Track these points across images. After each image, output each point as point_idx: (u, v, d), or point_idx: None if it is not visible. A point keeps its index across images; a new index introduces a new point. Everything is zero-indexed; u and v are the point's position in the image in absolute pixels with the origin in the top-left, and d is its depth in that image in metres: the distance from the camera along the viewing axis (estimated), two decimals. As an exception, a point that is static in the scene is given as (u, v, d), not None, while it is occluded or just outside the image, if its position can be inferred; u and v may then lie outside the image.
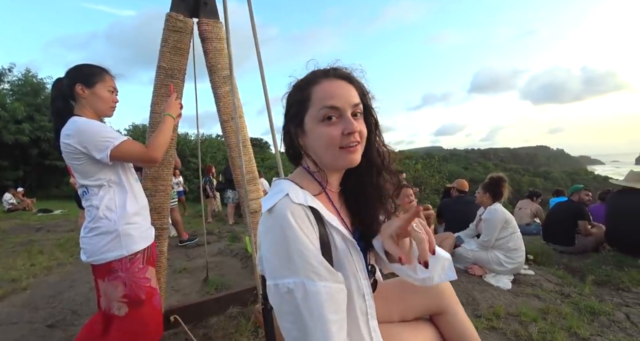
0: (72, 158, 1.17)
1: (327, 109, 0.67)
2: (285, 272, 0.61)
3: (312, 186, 0.73)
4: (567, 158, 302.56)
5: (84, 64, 1.28)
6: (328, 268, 0.63)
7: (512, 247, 2.64)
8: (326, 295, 0.60)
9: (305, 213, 0.65)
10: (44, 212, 8.14)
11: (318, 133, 0.69)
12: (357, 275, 0.71)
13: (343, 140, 0.67)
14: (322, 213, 0.68)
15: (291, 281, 0.60)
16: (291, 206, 0.64)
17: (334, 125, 0.67)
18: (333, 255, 0.69)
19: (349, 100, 0.68)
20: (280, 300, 0.62)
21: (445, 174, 10.69)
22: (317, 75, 0.72)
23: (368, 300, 0.73)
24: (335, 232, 0.70)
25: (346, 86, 0.70)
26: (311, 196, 0.70)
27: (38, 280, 2.92)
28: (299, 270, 0.60)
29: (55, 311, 2.22)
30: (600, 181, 51.42)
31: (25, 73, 15.20)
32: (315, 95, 0.69)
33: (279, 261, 0.62)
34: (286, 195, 0.66)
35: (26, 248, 4.11)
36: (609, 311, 2.05)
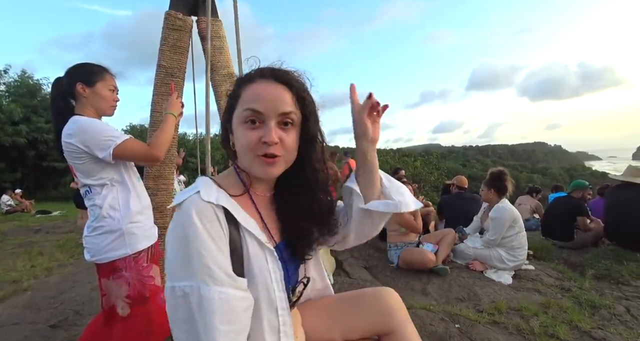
0: (74, 158, 1.16)
1: (250, 112, 0.63)
2: (183, 274, 0.57)
3: (235, 187, 0.69)
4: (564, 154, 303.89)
5: (84, 62, 1.27)
6: (228, 272, 0.58)
7: (517, 246, 2.64)
8: (220, 302, 0.55)
9: (215, 212, 0.60)
10: (42, 214, 8.11)
11: (239, 135, 0.65)
12: (269, 286, 0.65)
13: (260, 147, 0.63)
14: (234, 214, 0.63)
15: (187, 285, 0.56)
16: (199, 204, 0.59)
17: (255, 130, 0.63)
18: (245, 261, 0.63)
19: (276, 106, 0.63)
20: (175, 304, 0.57)
21: (444, 171, 10.73)
22: (255, 73, 0.67)
23: (282, 315, 0.66)
24: (250, 236, 0.65)
25: (279, 91, 0.64)
26: (227, 196, 0.65)
27: (39, 281, 2.91)
28: (196, 273, 0.55)
29: (57, 312, 2.22)
30: (597, 177, 51.74)
31: (21, 74, 15.13)
32: (244, 94, 0.65)
33: (177, 262, 0.58)
34: (197, 193, 0.61)
35: (26, 250, 4.09)
36: (610, 304, 2.07)
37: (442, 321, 1.86)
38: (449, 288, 2.36)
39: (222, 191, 0.65)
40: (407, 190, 0.79)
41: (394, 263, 2.82)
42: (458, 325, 1.83)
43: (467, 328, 1.79)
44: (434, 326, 1.81)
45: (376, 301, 0.83)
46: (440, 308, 2.03)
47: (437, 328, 1.78)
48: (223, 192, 0.65)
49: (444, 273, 2.56)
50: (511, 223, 2.65)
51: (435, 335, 1.73)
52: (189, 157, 17.60)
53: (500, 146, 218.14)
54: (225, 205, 0.62)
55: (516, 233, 2.66)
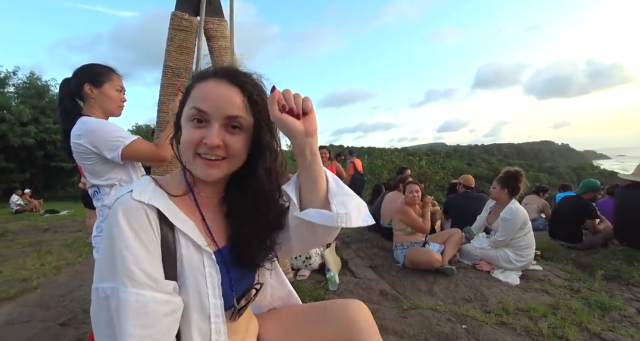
0: (83, 158, 1.18)
1: (195, 111, 0.60)
2: (106, 275, 0.55)
3: (179, 187, 0.67)
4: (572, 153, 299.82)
5: (92, 63, 1.29)
6: (150, 274, 0.55)
7: (524, 246, 2.61)
8: (136, 304, 0.52)
9: (145, 212, 0.58)
10: (51, 213, 8.23)
11: (184, 132, 0.63)
12: (202, 291, 0.61)
13: (200, 147, 0.61)
14: (167, 215, 0.60)
15: (109, 287, 0.54)
16: (128, 203, 0.57)
17: (199, 129, 0.61)
18: (177, 264, 0.61)
19: (223, 108, 0.60)
20: (98, 305, 0.55)
21: (449, 170, 10.65)
22: (210, 72, 0.65)
23: (215, 322, 0.63)
24: (184, 238, 0.62)
25: (230, 93, 0.61)
26: (164, 196, 0.62)
27: (48, 279, 2.95)
28: (118, 274, 0.53)
29: (66, 310, 2.25)
30: (606, 176, 50.98)
31: (29, 76, 15.37)
32: (193, 92, 0.63)
33: (102, 262, 0.56)
34: (130, 192, 0.59)
35: (35, 249, 4.16)
36: (620, 306, 2.04)
37: (448, 321, 1.85)
38: (456, 289, 2.34)
39: (160, 190, 0.63)
40: (358, 202, 0.68)
41: (400, 263, 2.80)
42: (465, 325, 1.81)
43: (474, 329, 1.77)
44: (440, 326, 1.80)
45: (341, 313, 0.78)
46: (447, 308, 2.02)
47: (443, 329, 1.77)
48: (160, 191, 0.63)
49: (450, 273, 2.54)
50: (521, 224, 2.61)
51: (442, 336, 1.72)
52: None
53: (506, 145, 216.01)
54: (157, 206, 0.59)
55: (525, 234, 2.63)
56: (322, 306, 0.83)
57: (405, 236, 2.85)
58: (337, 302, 0.83)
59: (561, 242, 3.50)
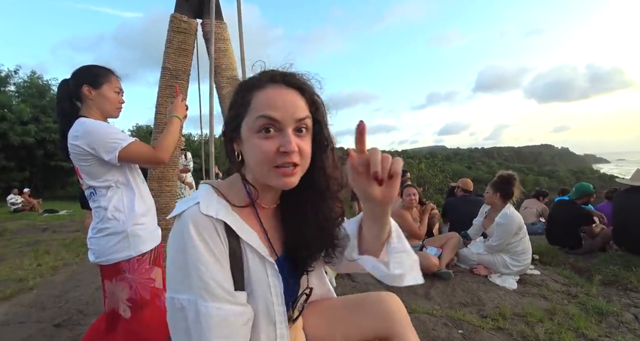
0: (80, 160, 1.18)
1: (265, 119, 0.58)
2: (181, 287, 0.57)
3: (239, 197, 0.67)
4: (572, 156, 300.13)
5: (90, 65, 1.29)
6: (225, 288, 0.58)
7: (520, 251, 2.60)
8: (218, 318, 0.55)
9: (214, 226, 0.59)
10: (49, 213, 8.22)
11: (251, 145, 0.61)
12: (268, 300, 0.64)
13: (278, 158, 0.59)
14: (235, 229, 0.62)
15: (185, 298, 0.56)
16: (197, 217, 0.58)
17: (271, 139, 0.59)
18: (245, 275, 0.63)
19: (293, 112, 0.59)
20: (174, 316, 0.58)
21: (448, 173, 10.65)
22: (263, 78, 0.63)
23: (280, 328, 0.66)
24: (250, 250, 0.64)
25: (294, 96, 0.61)
26: (227, 208, 0.63)
27: (45, 279, 2.94)
28: (194, 287, 0.56)
29: (62, 311, 2.24)
30: (606, 180, 50.97)
31: (30, 75, 15.41)
32: (255, 101, 0.61)
33: (176, 274, 0.58)
34: (197, 204, 0.60)
35: (33, 248, 4.15)
36: (617, 311, 2.03)
37: (445, 326, 1.84)
38: (453, 293, 2.33)
39: (223, 202, 0.64)
40: (413, 260, 0.69)
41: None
42: (461, 330, 1.80)
43: (471, 334, 1.77)
44: (436, 331, 1.79)
45: (378, 306, 0.82)
46: (444, 312, 2.01)
47: (439, 333, 1.77)
48: (224, 203, 0.64)
49: (447, 277, 2.53)
50: (516, 230, 2.60)
51: (438, 340, 1.71)
52: (193, 158, 17.76)
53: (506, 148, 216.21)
54: (225, 220, 0.60)
55: (520, 239, 2.62)
56: (359, 299, 0.88)
57: (403, 239, 2.85)
58: (373, 295, 0.88)
59: (560, 247, 3.49)
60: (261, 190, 0.66)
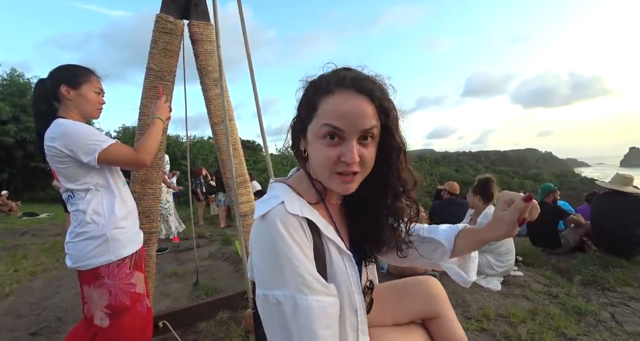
0: (57, 162, 1.14)
1: (330, 128, 0.59)
2: (276, 284, 0.58)
3: (310, 194, 0.70)
4: (555, 160, 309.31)
5: (68, 64, 1.25)
6: (321, 281, 0.60)
7: (504, 251, 2.66)
8: (318, 310, 0.57)
9: (300, 223, 0.62)
10: (29, 216, 7.93)
11: (315, 149, 0.63)
12: (350, 289, 0.68)
13: (338, 166, 0.61)
14: (318, 224, 0.65)
15: (281, 294, 0.58)
16: (285, 216, 0.60)
17: (334, 146, 0.60)
18: (327, 267, 0.66)
19: (359, 123, 0.59)
20: (269, 311, 0.60)
21: (436, 176, 10.81)
22: (333, 81, 0.61)
23: (360, 315, 0.69)
24: (331, 243, 0.67)
25: (362, 104, 0.59)
26: (307, 205, 0.66)
27: (22, 286, 2.83)
28: (290, 282, 0.57)
29: (39, 319, 2.16)
30: (586, 183, 52.67)
31: (10, 72, 14.87)
32: (322, 107, 0.61)
33: (269, 272, 0.59)
34: (281, 203, 0.62)
35: (10, 253, 3.99)
36: (595, 311, 2.10)
37: (430, 328, 1.86)
38: (439, 294, 2.36)
39: (303, 200, 0.67)
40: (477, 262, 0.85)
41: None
42: (446, 331, 1.83)
43: (455, 335, 1.79)
44: (422, 333, 1.81)
45: (422, 289, 0.92)
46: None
47: (425, 335, 1.78)
48: (303, 201, 0.67)
49: (433, 279, 2.56)
50: None
51: (424, 342, 1.73)
52: (180, 160, 17.47)
53: (493, 152, 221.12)
54: (309, 217, 0.63)
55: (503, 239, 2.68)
56: (405, 283, 0.96)
57: (390, 242, 2.87)
58: (417, 279, 0.96)
59: (541, 248, 3.59)
60: (327, 187, 0.69)
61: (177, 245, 4.30)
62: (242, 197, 1.87)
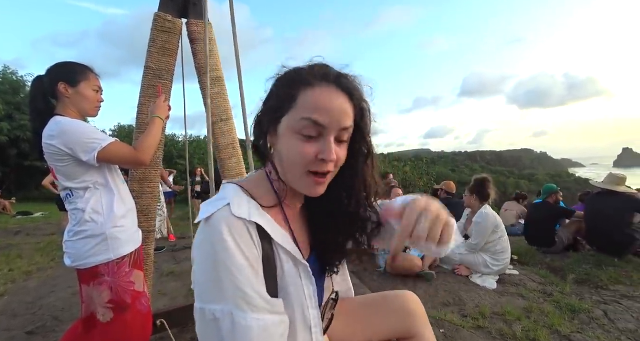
0: (55, 160, 1.13)
1: (310, 123, 0.55)
2: (213, 297, 0.53)
3: (267, 197, 0.63)
4: (550, 160, 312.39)
5: (66, 61, 1.25)
6: (264, 296, 0.54)
7: (500, 250, 2.69)
8: (258, 330, 0.51)
9: (247, 229, 0.55)
10: (23, 215, 7.85)
11: (289, 145, 0.57)
12: (304, 304, 0.61)
13: (314, 164, 0.56)
14: (268, 231, 0.58)
15: (218, 309, 0.52)
16: (230, 220, 0.54)
17: (311, 143, 0.56)
18: (278, 279, 0.60)
19: (340, 120, 0.56)
20: (205, 327, 0.54)
21: (433, 176, 10.87)
22: (315, 74, 0.57)
23: (315, 332, 0.63)
24: (283, 252, 0.61)
25: (343, 101, 0.57)
26: (259, 209, 0.59)
27: (17, 285, 2.81)
28: (229, 296, 0.52)
29: (35, 318, 2.14)
30: (581, 183, 53.26)
31: (3, 70, 14.68)
32: (302, 100, 0.56)
33: (207, 283, 0.54)
34: (227, 205, 0.56)
35: (4, 253, 3.95)
36: (589, 309, 2.13)
37: (427, 326, 1.88)
38: (435, 293, 2.38)
39: (254, 203, 0.60)
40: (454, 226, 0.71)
41: (381, 268, 2.83)
42: (443, 329, 1.85)
43: (452, 333, 1.81)
44: (419, 331, 1.82)
45: (398, 305, 0.83)
46: (426, 312, 2.05)
47: (422, 333, 1.80)
48: (254, 204, 0.59)
49: (430, 278, 2.58)
50: (494, 228, 2.70)
51: (421, 340, 1.74)
52: (177, 159, 17.39)
53: (488, 152, 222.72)
54: (258, 222, 0.57)
55: (499, 238, 2.72)
56: (379, 298, 0.88)
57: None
58: (392, 294, 0.87)
59: (537, 246, 3.63)
60: (290, 189, 0.63)
61: (174, 244, 4.29)
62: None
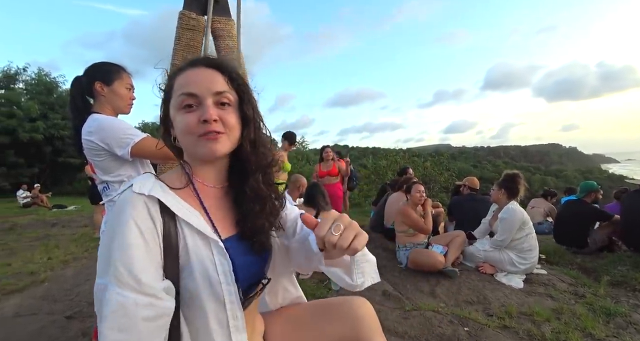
0: (93, 155, 1.20)
1: (185, 96, 0.64)
2: (101, 271, 0.57)
3: (180, 180, 0.68)
4: (580, 156, 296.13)
5: (102, 61, 1.31)
6: (134, 274, 0.53)
7: (527, 248, 2.59)
8: (117, 306, 0.51)
9: (146, 204, 0.58)
10: (59, 208, 8.36)
11: (177, 121, 0.65)
12: (213, 279, 0.61)
13: (200, 127, 0.63)
14: (169, 206, 0.60)
15: (100, 282, 0.55)
16: (130, 196, 0.58)
17: (192, 112, 0.63)
18: (181, 254, 0.61)
19: (209, 86, 0.64)
20: (97, 300, 0.57)
21: (454, 172, 10.57)
22: (186, 63, 0.68)
23: (231, 309, 0.63)
24: (187, 228, 0.62)
25: (211, 73, 0.66)
26: (163, 187, 0.63)
27: (55, 273, 3.01)
28: (109, 271, 0.53)
29: (73, 303, 2.29)
30: (615, 180, 50.09)
31: (38, 72, 15.55)
32: (177, 83, 0.66)
33: (101, 257, 0.58)
34: (130, 186, 0.60)
35: (43, 243, 4.23)
36: (625, 312, 2.01)
37: (450, 323, 1.85)
38: (458, 291, 2.33)
39: (161, 183, 0.64)
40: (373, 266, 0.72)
41: (403, 264, 2.80)
42: (467, 328, 1.81)
43: (476, 332, 1.77)
44: (442, 328, 1.80)
45: (347, 311, 0.79)
46: (449, 310, 2.01)
47: (445, 331, 1.77)
48: (161, 184, 0.63)
49: (453, 275, 2.53)
50: (520, 225, 2.60)
51: (444, 337, 1.72)
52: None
53: (512, 147, 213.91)
54: (158, 196, 0.60)
55: (526, 235, 2.61)
56: (327, 303, 0.85)
57: (407, 237, 2.85)
58: (342, 299, 0.83)
59: (567, 246, 3.46)
60: (200, 166, 0.69)
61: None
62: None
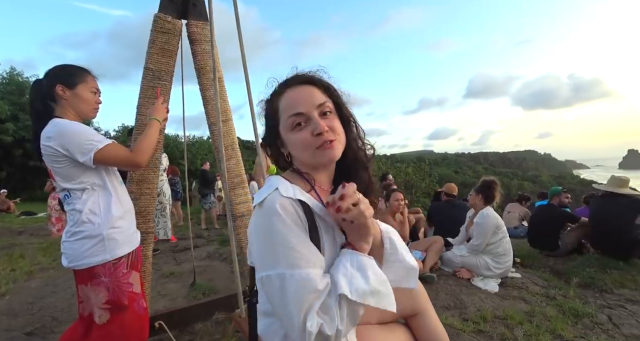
0: (53, 161, 1.14)
1: (294, 117, 0.70)
2: (268, 264, 0.64)
3: (302, 183, 0.76)
4: (554, 162, 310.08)
5: (65, 64, 1.25)
6: (307, 258, 0.63)
7: (501, 252, 2.67)
8: (303, 282, 0.61)
9: (294, 206, 0.67)
10: (27, 215, 7.91)
11: (293, 141, 0.72)
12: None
13: (315, 141, 0.69)
14: (311, 205, 0.70)
15: (273, 274, 0.63)
16: (280, 199, 0.66)
17: (304, 129, 0.70)
18: (322, 248, 0.70)
19: (312, 102, 0.71)
20: (268, 292, 0.65)
21: (435, 178, 10.81)
22: (280, 86, 0.76)
23: None
24: (324, 225, 0.71)
25: (308, 89, 0.73)
26: (301, 190, 0.72)
27: (18, 285, 2.82)
28: (281, 259, 0.62)
29: (34, 318, 2.15)
30: (585, 185, 52.67)
31: (9, 71, 14.85)
32: (281, 107, 0.73)
33: (263, 253, 0.65)
34: (276, 189, 0.68)
35: (7, 253, 3.97)
36: (592, 313, 2.10)
37: (427, 329, 1.86)
38: (436, 296, 2.36)
39: (296, 186, 0.72)
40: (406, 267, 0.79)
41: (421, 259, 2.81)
42: (443, 333, 1.82)
43: (452, 337, 1.79)
44: (419, 334, 1.80)
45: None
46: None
47: (422, 337, 1.78)
48: (296, 187, 0.72)
49: (431, 280, 2.56)
50: (495, 229, 2.68)
51: (420, 344, 1.72)
52: (179, 160, 17.47)
53: (492, 153, 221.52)
54: (302, 199, 0.69)
55: (500, 239, 2.69)
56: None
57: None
58: None
59: (540, 249, 3.59)
60: (315, 172, 0.77)
61: (175, 245, 4.29)
62: (239, 197, 1.86)
